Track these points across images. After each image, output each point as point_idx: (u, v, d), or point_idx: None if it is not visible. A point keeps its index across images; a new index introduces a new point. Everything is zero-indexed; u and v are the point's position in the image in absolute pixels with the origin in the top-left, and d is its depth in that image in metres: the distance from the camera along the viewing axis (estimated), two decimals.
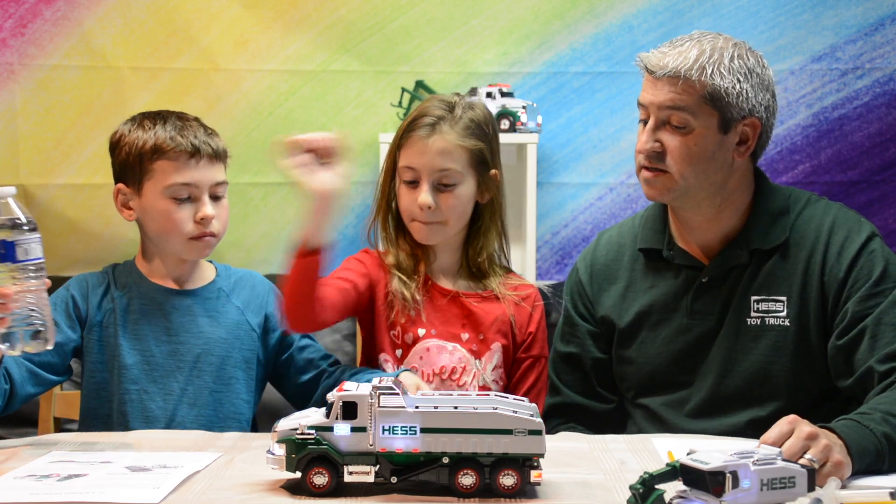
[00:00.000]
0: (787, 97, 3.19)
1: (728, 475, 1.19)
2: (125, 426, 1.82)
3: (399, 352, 1.88)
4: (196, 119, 1.91)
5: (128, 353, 1.84)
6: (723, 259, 1.81)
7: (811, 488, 1.24)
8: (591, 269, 1.94)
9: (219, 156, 1.87)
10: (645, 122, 1.79)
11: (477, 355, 1.88)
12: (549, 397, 1.95)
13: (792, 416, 1.43)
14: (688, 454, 1.25)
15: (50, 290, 1.89)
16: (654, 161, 1.77)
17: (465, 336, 1.88)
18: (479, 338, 1.88)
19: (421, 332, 1.88)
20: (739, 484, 1.20)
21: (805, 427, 1.41)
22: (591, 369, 1.92)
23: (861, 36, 3.18)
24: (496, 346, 1.89)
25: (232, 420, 1.90)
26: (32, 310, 1.55)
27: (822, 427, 1.45)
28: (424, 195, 1.82)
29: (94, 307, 1.85)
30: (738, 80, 1.73)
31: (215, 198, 1.86)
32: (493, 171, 1.88)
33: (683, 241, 1.86)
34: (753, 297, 1.79)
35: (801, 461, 1.34)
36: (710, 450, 1.25)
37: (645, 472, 1.23)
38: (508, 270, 1.98)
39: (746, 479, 1.20)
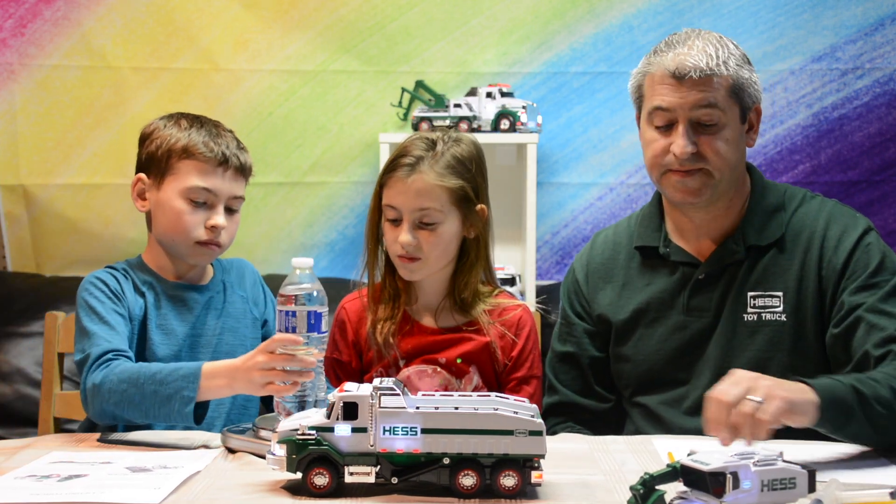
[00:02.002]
0: (787, 97, 3.19)
1: (729, 476, 1.20)
2: None
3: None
4: (231, 131, 1.92)
5: (160, 348, 1.85)
6: (719, 255, 1.82)
7: (811, 489, 1.25)
8: (587, 268, 1.95)
9: (244, 171, 1.89)
10: (661, 127, 1.77)
11: (457, 375, 1.88)
12: (547, 397, 1.95)
13: (738, 372, 1.45)
14: (688, 455, 1.25)
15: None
16: (692, 163, 1.75)
17: (442, 360, 1.88)
18: (456, 361, 1.89)
19: (401, 362, 1.90)
20: (740, 485, 1.20)
21: (747, 374, 1.43)
22: (589, 368, 1.92)
23: (861, 36, 3.18)
24: (473, 369, 1.89)
25: (245, 409, 1.92)
26: (320, 378, 1.60)
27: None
28: (404, 234, 1.83)
29: (130, 302, 1.86)
30: (746, 70, 1.77)
31: (230, 210, 1.88)
32: (479, 207, 1.88)
33: (680, 238, 1.87)
34: (750, 293, 1.80)
35: (747, 402, 1.36)
36: (711, 451, 1.25)
37: (645, 473, 1.23)
38: (497, 289, 1.96)
39: (747, 480, 1.20)
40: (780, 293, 1.78)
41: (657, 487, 1.23)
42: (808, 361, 1.76)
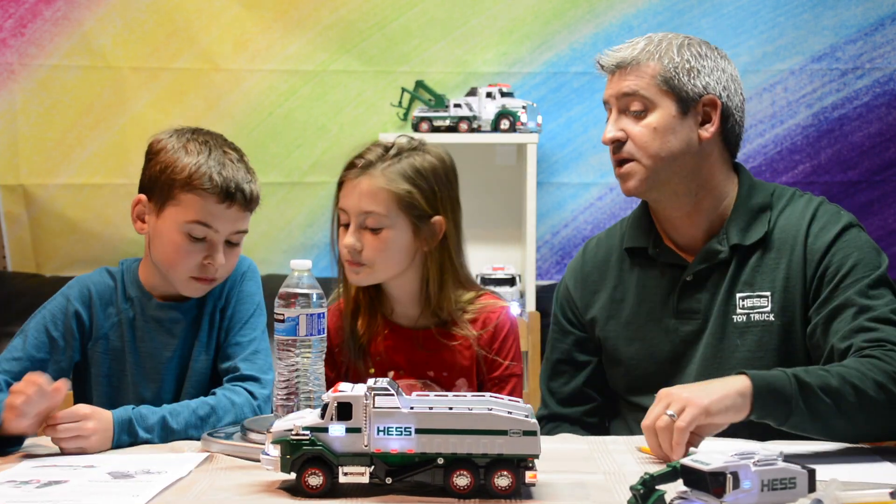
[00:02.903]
0: (787, 97, 3.19)
1: (729, 476, 1.19)
2: None
3: None
4: (241, 158, 1.80)
5: (137, 369, 1.81)
6: (704, 256, 1.81)
7: (811, 489, 1.24)
8: (577, 274, 1.95)
9: (249, 204, 1.78)
10: (607, 120, 1.83)
11: (446, 388, 1.87)
12: (540, 410, 1.95)
13: (661, 392, 1.52)
14: (688, 455, 1.24)
15: (36, 299, 1.86)
16: (619, 150, 1.80)
17: (430, 373, 1.87)
18: (443, 374, 1.88)
19: (390, 374, 1.88)
20: (740, 485, 1.19)
21: (667, 391, 1.51)
22: (579, 374, 1.91)
23: (861, 36, 3.18)
24: (461, 382, 1.88)
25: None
26: (319, 379, 1.58)
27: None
28: (347, 237, 1.81)
29: (99, 318, 1.81)
30: (688, 61, 1.78)
31: (231, 243, 1.78)
32: (435, 219, 1.84)
33: (668, 240, 1.86)
34: (739, 295, 1.79)
35: (663, 418, 1.45)
36: (711, 450, 1.24)
37: (645, 473, 1.22)
38: (479, 292, 1.93)
39: (747, 480, 1.19)
40: (767, 293, 1.77)
41: (657, 487, 1.22)
42: (797, 361, 1.75)
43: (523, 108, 3.01)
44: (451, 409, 1.32)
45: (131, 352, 1.81)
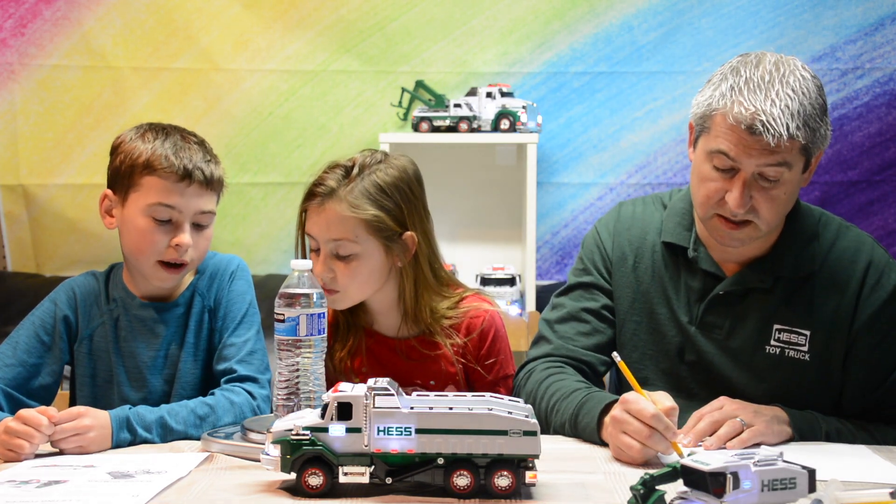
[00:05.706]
0: None
1: (729, 476, 1.19)
2: None
3: None
4: (200, 142, 1.82)
5: (119, 370, 1.81)
6: (744, 277, 1.75)
7: (812, 489, 1.24)
8: (613, 237, 1.87)
9: (211, 184, 1.79)
10: (721, 170, 1.67)
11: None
12: (534, 349, 1.88)
13: (723, 398, 1.63)
14: (689, 455, 1.25)
15: (36, 299, 1.86)
16: (742, 215, 1.68)
17: (417, 381, 1.86)
18: (430, 383, 1.87)
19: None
20: (740, 485, 1.19)
21: (734, 402, 1.62)
22: (609, 330, 1.84)
23: (861, 36, 3.18)
24: (450, 389, 1.87)
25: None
26: (320, 380, 1.58)
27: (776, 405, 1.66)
28: (318, 265, 1.79)
29: (83, 319, 1.82)
30: (825, 122, 1.69)
31: (198, 226, 1.79)
32: (406, 234, 1.81)
33: (710, 246, 1.79)
34: (776, 326, 1.74)
35: (734, 422, 1.56)
36: (711, 451, 1.24)
37: (646, 473, 1.23)
38: (460, 295, 1.89)
39: (747, 480, 1.20)
40: (806, 332, 1.73)
41: (657, 487, 1.22)
42: (825, 400, 1.74)
43: (523, 108, 3.01)
44: (451, 409, 1.33)
45: (114, 352, 1.82)
